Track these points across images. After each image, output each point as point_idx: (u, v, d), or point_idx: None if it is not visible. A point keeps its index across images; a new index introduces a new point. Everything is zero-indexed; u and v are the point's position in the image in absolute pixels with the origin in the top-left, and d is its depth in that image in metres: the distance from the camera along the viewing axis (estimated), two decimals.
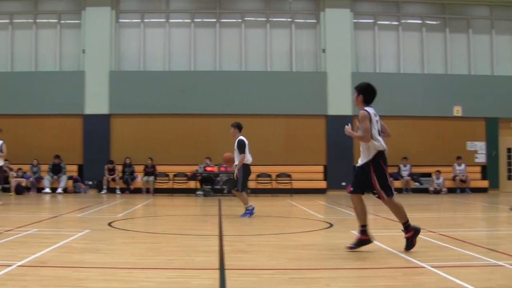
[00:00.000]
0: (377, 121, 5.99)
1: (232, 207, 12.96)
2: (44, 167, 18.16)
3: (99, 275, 4.87)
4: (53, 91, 18.42)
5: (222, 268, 5.11)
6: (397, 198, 6.13)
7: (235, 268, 5.12)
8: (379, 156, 5.90)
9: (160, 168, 18.30)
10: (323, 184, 18.45)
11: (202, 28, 19.31)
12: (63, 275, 4.83)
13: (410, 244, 5.89)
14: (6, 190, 17.47)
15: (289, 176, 18.21)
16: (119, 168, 18.23)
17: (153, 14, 19.33)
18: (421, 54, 19.53)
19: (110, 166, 18.17)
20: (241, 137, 10.12)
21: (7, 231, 7.56)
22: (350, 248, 5.96)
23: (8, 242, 6.67)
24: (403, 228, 5.99)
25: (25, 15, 19.30)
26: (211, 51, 19.13)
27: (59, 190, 17.69)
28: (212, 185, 17.83)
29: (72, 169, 18.51)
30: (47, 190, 17.74)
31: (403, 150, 18.35)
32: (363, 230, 5.99)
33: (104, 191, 17.94)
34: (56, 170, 18.05)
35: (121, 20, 19.24)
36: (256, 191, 17.16)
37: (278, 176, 18.33)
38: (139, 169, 18.35)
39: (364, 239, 5.99)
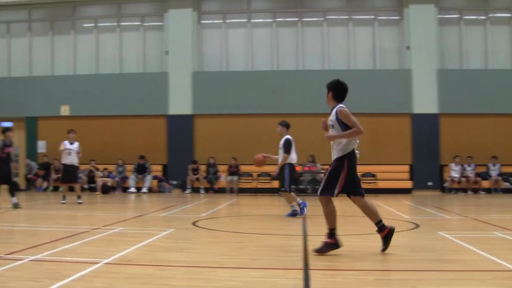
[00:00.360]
0: None
1: (316, 207, 14.28)
2: (129, 167, 20.76)
3: (184, 274, 5.40)
4: (138, 92, 21.09)
5: (306, 268, 5.58)
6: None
7: (319, 268, 5.59)
8: (352, 155, 6.36)
9: (243, 168, 20.48)
10: (408, 184, 20.06)
11: (284, 27, 21.59)
12: (148, 273, 5.43)
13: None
14: (92, 189, 20.17)
15: (373, 175, 20.02)
16: (202, 168, 20.64)
17: (234, 15, 21.74)
18: (511, 49, 21.11)
19: (194, 166, 20.57)
20: (288, 136, 10.95)
21: (94, 229, 8.50)
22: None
23: (95, 240, 7.55)
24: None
25: (109, 19, 22.17)
26: (293, 50, 21.35)
27: (144, 190, 20.18)
28: (296, 184, 19.79)
29: (157, 169, 21.03)
30: (132, 189, 20.30)
31: (492, 149, 19.91)
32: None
33: (188, 191, 20.26)
34: (141, 170, 20.64)
35: (203, 21, 21.79)
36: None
37: (363, 175, 20.15)
38: (223, 169, 20.70)
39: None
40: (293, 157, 11.02)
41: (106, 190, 19.79)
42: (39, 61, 22.45)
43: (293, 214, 11.06)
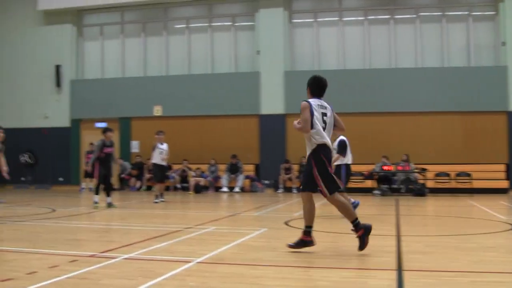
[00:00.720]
0: (324, 113, 7.19)
1: (410, 207, 15.50)
2: (222, 167, 23.78)
3: (275, 273, 5.96)
4: (230, 92, 24.06)
5: (399, 269, 6.02)
6: (341, 196, 7.39)
7: (413, 269, 6.02)
8: (320, 150, 7.04)
9: None
10: (504, 184, 21.90)
11: (376, 25, 24.03)
12: (240, 272, 6.00)
13: (362, 243, 7.01)
14: (185, 189, 23.12)
15: (468, 175, 21.95)
16: (295, 167, 23.41)
17: (326, 13, 24.36)
18: None
19: (286, 165, 23.31)
20: (343, 138, 11.93)
21: (187, 228, 9.31)
22: (290, 246, 7.17)
23: (188, 239, 8.32)
24: (352, 227, 7.14)
25: (200, 20, 25.25)
26: (385, 48, 23.78)
27: (237, 189, 22.95)
28: (390, 184, 21.91)
29: (249, 169, 23.89)
30: (225, 189, 23.19)
31: None
32: (307, 231, 7.16)
33: (280, 190, 22.88)
34: (234, 169, 23.60)
35: (294, 20, 24.54)
36: (435, 191, 21.21)
37: (457, 175, 22.14)
38: None
39: (306, 240, 7.14)
40: (349, 158, 12.16)
41: (199, 189, 22.58)
42: (132, 62, 25.79)
43: (354, 206, 11.93)
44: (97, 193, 14.95)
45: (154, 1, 25.05)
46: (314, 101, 7.22)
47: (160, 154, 16.90)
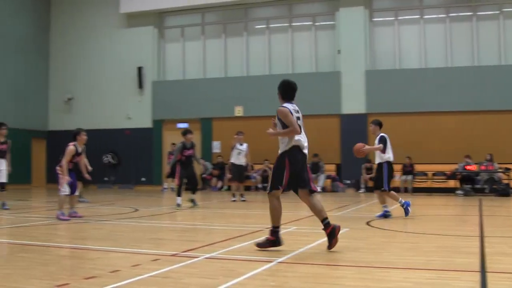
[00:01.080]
0: (298, 117, 8.02)
1: (493, 208, 16.31)
2: None
3: (356, 274, 6.32)
4: (310, 92, 26.77)
5: (483, 271, 6.25)
6: (276, 200, 8.01)
7: (497, 271, 6.23)
8: (294, 151, 7.93)
9: (418, 167, 25.43)
10: None
11: (458, 22, 26.49)
12: (321, 272, 6.45)
13: (264, 245, 7.92)
14: (266, 189, 26.39)
15: None
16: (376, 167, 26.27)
17: (406, 12, 27.02)
18: None
19: (368, 165, 25.74)
20: (383, 134, 12.95)
21: (267, 228, 9.13)
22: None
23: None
24: (271, 229, 8.02)
25: (280, 20, 28.39)
26: (468, 46, 26.09)
27: (318, 189, 26.24)
28: (473, 184, 23.77)
29: (330, 169, 26.69)
30: None
31: None
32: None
33: (362, 190, 25.50)
34: (315, 169, 26.44)
35: (374, 19, 27.31)
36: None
37: None
38: (397, 168, 25.74)
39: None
40: (390, 156, 12.93)
41: None
42: (212, 63, 29.25)
43: (385, 215, 12.78)
44: (179, 194, 15.96)
45: (234, 2, 28.35)
46: (290, 106, 8.02)
47: (238, 155, 19.01)
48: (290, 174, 7.93)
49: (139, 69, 29.64)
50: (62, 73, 31.87)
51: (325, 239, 7.96)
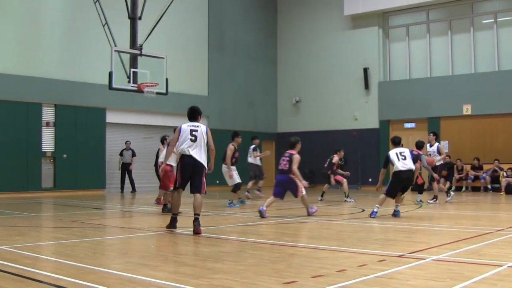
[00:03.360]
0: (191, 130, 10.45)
1: None
2: None
3: None
4: None
5: None
6: (177, 196, 10.62)
7: None
8: (181, 159, 10.49)
9: None
10: None
11: None
12: None
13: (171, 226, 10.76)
14: (496, 190, 25.56)
15: None
16: None
17: None
18: None
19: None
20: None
21: (498, 231, 9.60)
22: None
23: (499, 242, 8.86)
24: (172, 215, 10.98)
25: (509, 13, 27.92)
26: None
27: None
28: None
29: None
30: None
31: None
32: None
33: None
34: None
35: None
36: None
37: None
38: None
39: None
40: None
41: (511, 190, 24.80)
42: (438, 61, 29.63)
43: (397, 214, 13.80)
44: (420, 192, 17.68)
45: None
46: (184, 125, 10.86)
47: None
48: (181, 177, 10.86)
49: (365, 70, 30.81)
50: (289, 77, 34.05)
51: None
